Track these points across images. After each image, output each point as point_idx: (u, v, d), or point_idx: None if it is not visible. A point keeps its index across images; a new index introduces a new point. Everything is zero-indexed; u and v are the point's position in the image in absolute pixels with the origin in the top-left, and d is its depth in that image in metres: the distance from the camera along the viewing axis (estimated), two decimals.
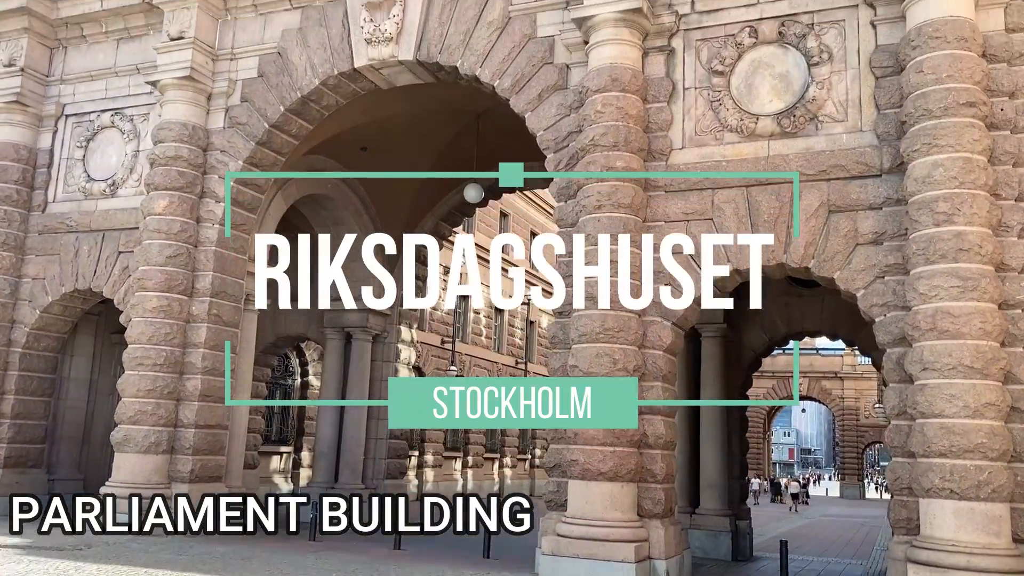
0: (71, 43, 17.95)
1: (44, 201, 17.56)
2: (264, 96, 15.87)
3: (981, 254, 10.23)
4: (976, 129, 10.49)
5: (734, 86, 12.56)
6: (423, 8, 14.70)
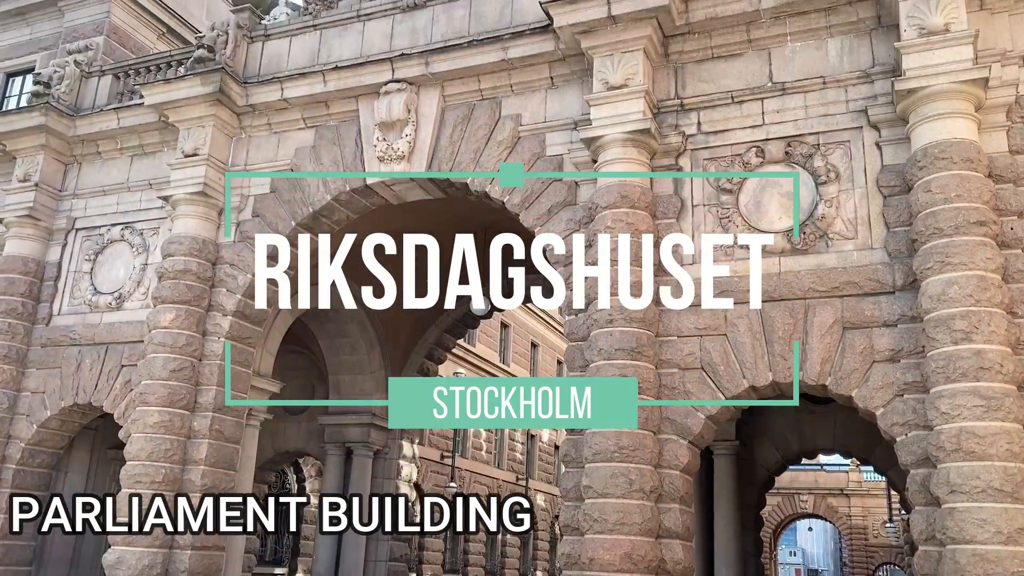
0: (86, 159, 18.29)
1: (49, 314, 17.48)
2: (275, 211, 16.04)
3: (1003, 373, 10.10)
4: (988, 247, 10.55)
5: (743, 203, 12.72)
6: (435, 127, 15.05)
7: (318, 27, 16.50)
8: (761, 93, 12.88)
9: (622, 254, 12.43)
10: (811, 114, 12.54)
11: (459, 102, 15.02)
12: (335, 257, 15.93)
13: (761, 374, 11.89)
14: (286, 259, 15.77)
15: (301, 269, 16.45)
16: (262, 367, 17.23)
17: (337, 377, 21.60)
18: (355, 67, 15.55)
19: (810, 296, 11.83)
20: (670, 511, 11.83)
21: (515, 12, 14.85)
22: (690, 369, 12.24)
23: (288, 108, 16.24)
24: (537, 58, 14.29)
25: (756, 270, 12.05)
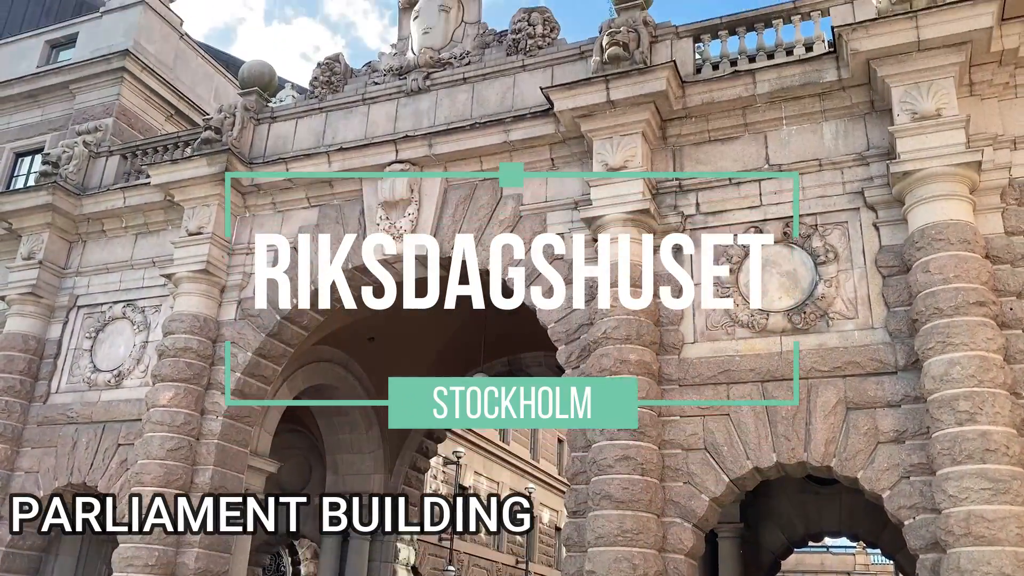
0: (91, 237, 18.47)
1: (47, 392, 17.37)
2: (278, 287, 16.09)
3: (1009, 455, 9.99)
4: (989, 328, 10.57)
5: (743, 283, 12.78)
6: (437, 207, 15.25)
7: (324, 110, 16.89)
8: (758, 175, 13.09)
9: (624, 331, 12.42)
10: (808, 195, 12.72)
11: (462, 182, 15.27)
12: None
13: (765, 455, 11.75)
14: (285, 260, 15.88)
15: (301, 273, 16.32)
16: (260, 446, 17.05)
17: (335, 456, 21.33)
18: (360, 148, 15.85)
19: (812, 376, 11.79)
20: None
21: (516, 96, 15.23)
22: (693, 450, 12.11)
23: (292, 187, 16.49)
24: (538, 140, 14.58)
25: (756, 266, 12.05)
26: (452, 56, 16.21)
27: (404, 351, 20.73)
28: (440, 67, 16.17)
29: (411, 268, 15.86)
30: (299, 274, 16.00)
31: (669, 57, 13.88)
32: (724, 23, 14.16)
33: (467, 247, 14.76)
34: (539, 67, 15.28)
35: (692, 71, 13.98)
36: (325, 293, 16.02)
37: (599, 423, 11.48)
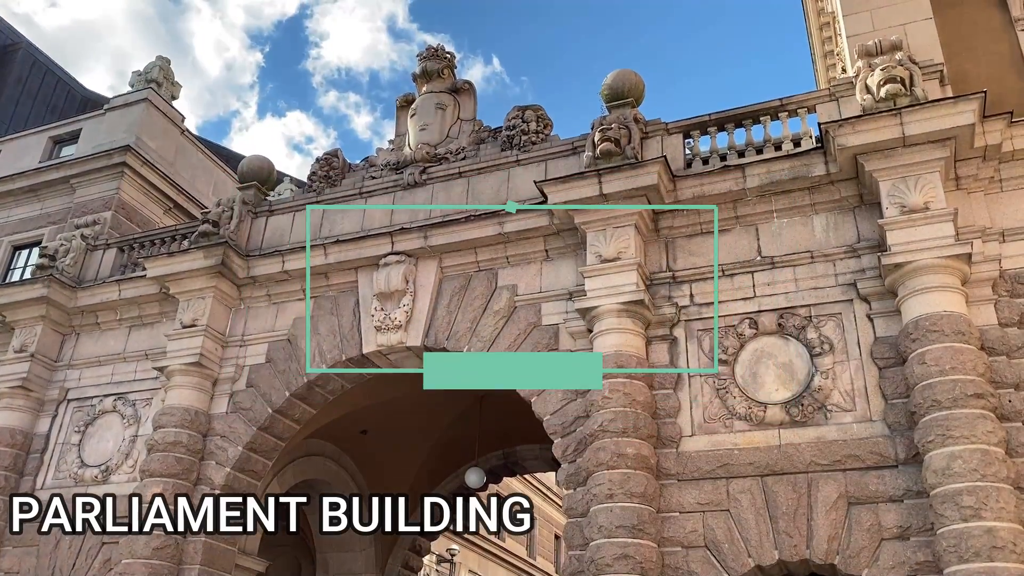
0: (84, 329, 18.39)
1: (31, 488, 16.95)
2: (270, 381, 15.98)
3: (1016, 552, 9.76)
4: (988, 420, 10.48)
5: (739, 375, 12.72)
6: (432, 298, 15.29)
7: (321, 203, 17.10)
8: (751, 267, 13.20)
9: (622, 423, 12.29)
10: (801, 287, 12.80)
11: (457, 272, 15.35)
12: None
13: (767, 552, 11.45)
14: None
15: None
16: (248, 545, 16.57)
17: (325, 555, 20.74)
18: (356, 240, 15.99)
19: (812, 470, 11.60)
20: None
21: (511, 189, 15.49)
22: (694, 547, 11.80)
23: (288, 279, 16.55)
24: (532, 232, 14.74)
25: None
26: (448, 151, 16.56)
27: (397, 444, 20.43)
28: (436, 162, 16.49)
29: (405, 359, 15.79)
30: (292, 367, 15.90)
31: (659, 153, 14.19)
32: (713, 120, 14.53)
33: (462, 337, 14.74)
34: (533, 162, 15.59)
35: (683, 165, 14.27)
36: (318, 385, 15.89)
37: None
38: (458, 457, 21.00)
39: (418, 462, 21.11)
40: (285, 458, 17.70)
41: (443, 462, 21.40)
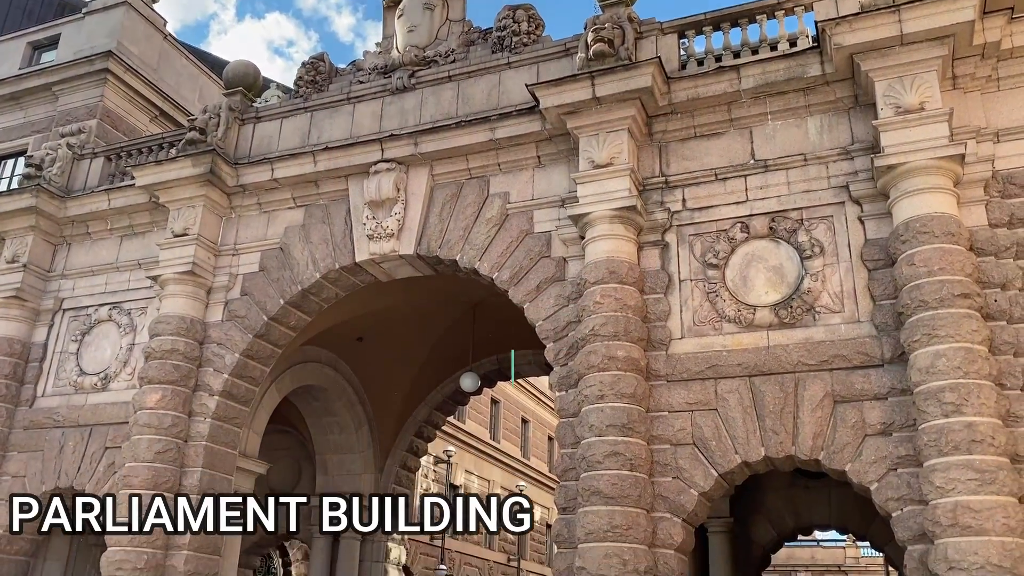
0: (75, 240, 18.34)
1: (33, 396, 17.25)
2: (264, 290, 16.05)
3: (995, 445, 10.06)
4: (974, 320, 10.63)
5: (729, 278, 12.81)
6: (424, 206, 15.22)
7: (309, 109, 16.82)
8: (744, 170, 13.13)
9: (612, 328, 12.46)
10: (794, 190, 12.77)
11: (448, 180, 15.24)
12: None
13: (754, 449, 11.79)
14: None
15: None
16: (248, 448, 16.98)
17: (324, 457, 21.27)
18: (345, 148, 15.79)
19: (799, 370, 11.83)
20: None
21: (502, 94, 15.22)
22: (682, 445, 12.14)
23: (278, 188, 16.42)
24: (524, 138, 14.57)
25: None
26: (437, 54, 16.18)
27: (393, 351, 20.71)
28: (425, 65, 16.14)
29: (398, 267, 15.84)
30: (285, 275, 15.95)
31: (654, 53, 13.90)
32: (708, 19, 14.18)
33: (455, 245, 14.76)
34: (524, 64, 15.27)
35: (677, 67, 14.00)
36: (312, 293, 15.98)
37: None
38: (453, 363, 21.31)
39: (414, 368, 21.44)
40: (282, 365, 17.95)
41: (438, 368, 21.74)
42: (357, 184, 15.72)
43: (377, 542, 21.05)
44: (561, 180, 14.35)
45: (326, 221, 16.00)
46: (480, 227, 14.70)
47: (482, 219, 14.72)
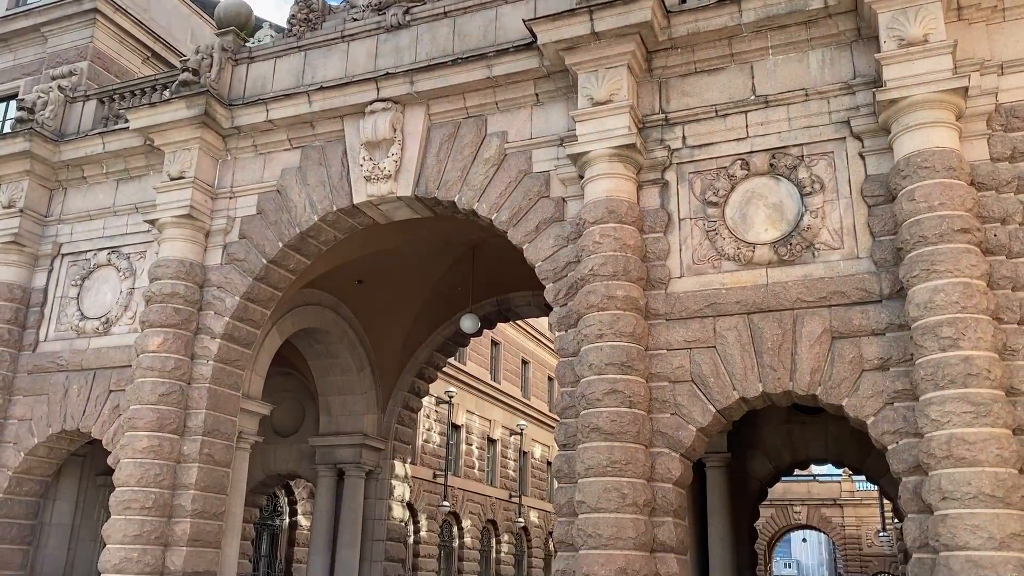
0: (71, 184, 18.23)
1: (35, 340, 17.36)
2: (263, 233, 16.02)
3: (990, 378, 10.15)
4: (973, 254, 10.63)
5: (729, 216, 12.77)
6: (421, 147, 15.08)
7: (302, 48, 16.55)
8: (745, 106, 12.97)
9: (612, 267, 12.47)
10: (794, 126, 12.63)
11: (445, 120, 15.07)
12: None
13: (751, 385, 11.91)
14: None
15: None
16: (251, 389, 17.15)
17: (327, 398, 21.50)
18: (340, 87, 15.58)
19: (798, 307, 11.88)
20: (664, 525, 11.80)
21: (499, 30, 14.94)
22: (680, 382, 12.26)
23: (273, 129, 16.25)
24: (522, 75, 14.36)
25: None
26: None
27: (393, 293, 20.76)
28: (420, 1, 15.82)
29: (396, 209, 15.78)
30: (283, 218, 15.90)
31: None
32: None
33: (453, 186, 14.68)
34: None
35: (677, 0, 13.73)
36: (310, 236, 15.95)
37: None
38: (453, 305, 21.39)
39: (414, 310, 21.53)
40: (283, 308, 18.02)
41: (438, 310, 21.83)
42: (353, 125, 15.55)
43: (381, 480, 21.40)
44: (560, 118, 14.19)
45: (323, 163, 15.87)
46: (478, 167, 14.59)
47: (480, 159, 14.61)
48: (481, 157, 14.61)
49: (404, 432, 22.34)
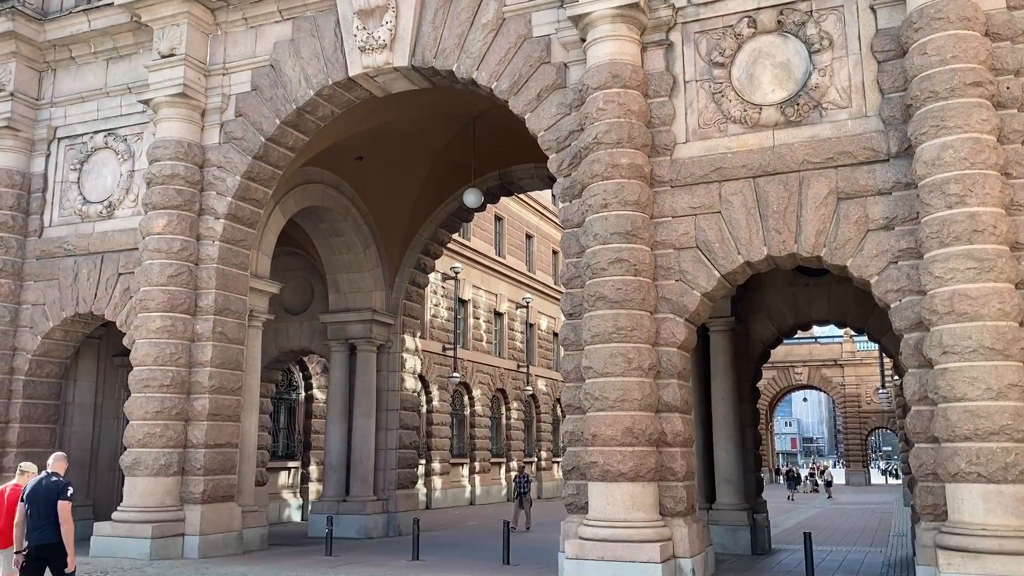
0: (60, 65, 17.79)
1: (40, 226, 17.39)
2: (259, 110, 15.74)
3: (996, 234, 10.15)
4: (984, 109, 10.41)
5: (735, 77, 12.48)
6: (416, 13, 14.58)
7: None
8: None
9: (616, 134, 12.29)
10: None
11: None
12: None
13: (756, 249, 11.95)
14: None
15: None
16: (259, 269, 17.28)
17: (335, 276, 21.69)
18: None
19: (804, 168, 11.77)
20: (669, 386, 12.12)
21: None
22: (685, 248, 12.31)
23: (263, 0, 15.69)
24: None
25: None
26: None
27: (395, 170, 20.56)
28: None
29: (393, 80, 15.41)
30: (279, 94, 15.57)
31: None
32: None
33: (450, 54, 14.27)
34: None
35: None
36: (307, 111, 15.66)
37: None
38: (455, 180, 21.20)
39: (417, 186, 21.37)
40: (284, 187, 17.91)
41: (441, 185, 21.66)
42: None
43: (393, 354, 21.87)
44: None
45: (315, 35, 15.40)
46: (476, 33, 14.15)
47: (477, 24, 14.15)
48: (479, 22, 14.15)
49: (412, 308, 22.63)
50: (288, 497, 26.16)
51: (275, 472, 24.88)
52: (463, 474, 34.60)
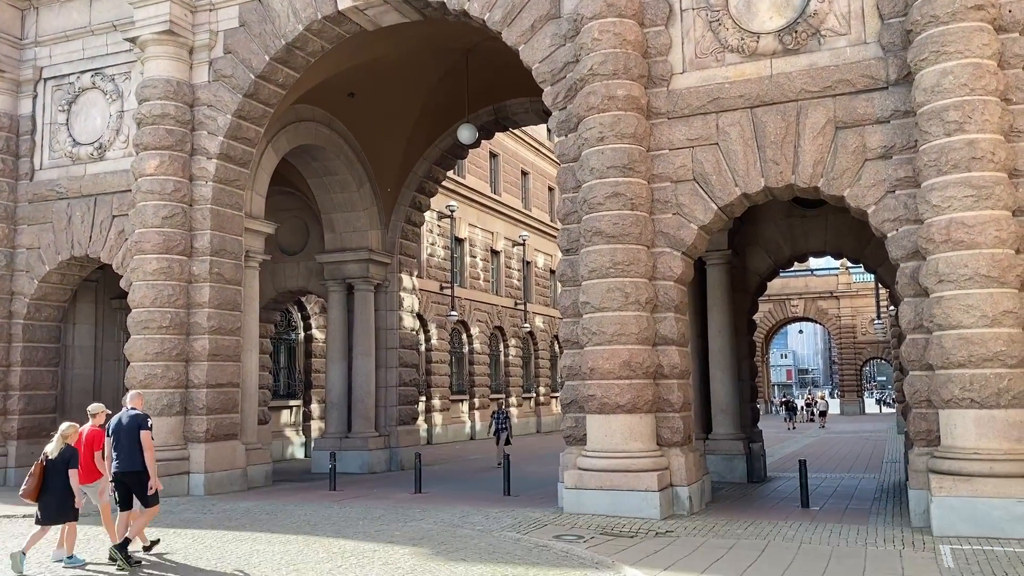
0: (42, 3, 17.38)
1: (31, 169, 17.22)
2: (248, 46, 15.45)
3: (994, 161, 10.09)
4: (985, 33, 10.24)
5: (733, 4, 12.23)
6: None
7: None
8: None
9: (612, 65, 12.09)
10: None
11: None
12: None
13: (753, 181, 11.89)
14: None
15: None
16: (253, 209, 17.17)
17: (330, 216, 21.58)
18: None
19: (802, 98, 11.63)
20: (665, 320, 12.18)
21: None
22: (682, 181, 12.24)
23: None
24: None
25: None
26: None
27: (386, 106, 20.27)
28: None
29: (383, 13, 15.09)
30: (267, 29, 15.25)
31: None
32: None
33: None
34: None
35: None
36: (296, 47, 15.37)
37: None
38: (449, 116, 20.93)
39: (410, 123, 21.10)
40: (276, 125, 17.68)
41: (434, 121, 21.40)
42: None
43: (390, 293, 21.91)
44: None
45: None
46: None
47: None
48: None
49: (409, 247, 22.59)
50: (291, 435, 26.49)
51: (277, 411, 25.15)
52: (463, 410, 35.02)
